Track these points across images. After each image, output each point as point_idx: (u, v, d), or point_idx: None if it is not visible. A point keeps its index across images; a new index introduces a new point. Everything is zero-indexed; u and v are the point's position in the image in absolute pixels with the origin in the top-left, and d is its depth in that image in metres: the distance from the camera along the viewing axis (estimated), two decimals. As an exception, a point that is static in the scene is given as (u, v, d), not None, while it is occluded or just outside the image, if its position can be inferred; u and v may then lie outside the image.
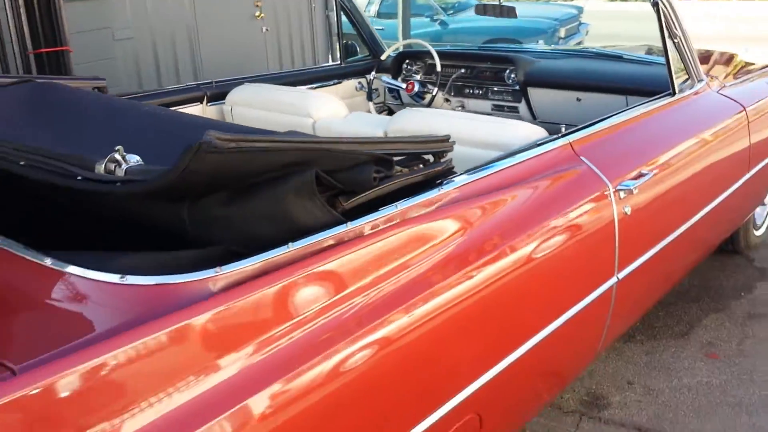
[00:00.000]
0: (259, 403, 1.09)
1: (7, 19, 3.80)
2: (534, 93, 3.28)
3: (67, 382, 0.94)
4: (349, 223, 1.35)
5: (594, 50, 3.57)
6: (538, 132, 2.04)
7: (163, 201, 1.30)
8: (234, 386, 1.06)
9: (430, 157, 1.62)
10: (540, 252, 1.68)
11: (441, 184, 1.58)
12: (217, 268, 1.14)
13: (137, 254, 1.24)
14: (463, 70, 3.46)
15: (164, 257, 1.22)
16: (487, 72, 3.44)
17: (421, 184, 1.54)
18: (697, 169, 2.41)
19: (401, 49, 3.76)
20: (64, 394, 0.94)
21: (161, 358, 1.03)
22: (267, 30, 6.54)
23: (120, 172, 1.29)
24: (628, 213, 1.98)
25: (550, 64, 3.32)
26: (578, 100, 3.11)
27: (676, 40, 2.59)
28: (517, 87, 3.34)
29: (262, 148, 1.21)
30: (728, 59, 3.51)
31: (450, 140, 1.61)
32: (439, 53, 3.33)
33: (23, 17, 3.80)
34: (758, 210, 3.80)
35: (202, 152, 1.11)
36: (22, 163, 1.39)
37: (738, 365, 2.82)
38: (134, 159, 1.31)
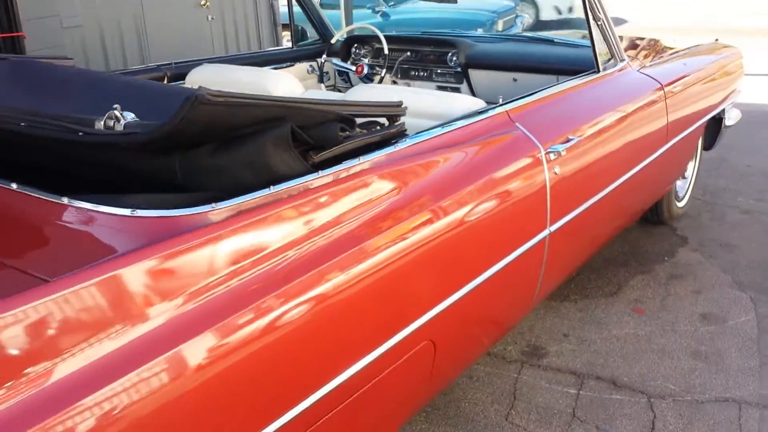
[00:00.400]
0: (246, 317, 1.29)
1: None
2: (474, 74, 3.53)
3: (90, 291, 1.12)
4: (320, 172, 1.56)
5: (528, 35, 3.85)
6: (479, 103, 2.29)
7: (157, 153, 1.48)
8: (231, 298, 1.26)
9: (385, 121, 1.84)
10: (480, 205, 1.91)
11: (395, 143, 1.80)
12: (213, 204, 1.34)
13: (140, 195, 1.42)
14: (408, 54, 3.69)
15: (165, 197, 1.40)
16: (431, 55, 3.67)
17: (378, 143, 1.76)
18: (619, 138, 2.69)
19: (350, 34, 3.97)
20: (88, 301, 1.12)
21: (166, 276, 1.22)
22: (212, 18, 6.67)
23: (119, 127, 1.47)
24: (558, 173, 2.24)
25: (488, 48, 3.58)
26: (514, 80, 3.38)
27: (599, 23, 2.87)
28: (459, 69, 3.58)
29: (246, 103, 1.41)
30: (652, 44, 3.83)
31: (402, 105, 1.83)
32: (386, 38, 3.54)
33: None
34: (680, 183, 4.15)
35: (197, 103, 1.30)
36: (22, 123, 1.55)
37: (661, 318, 3.12)
38: (130, 116, 1.49)
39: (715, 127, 4.09)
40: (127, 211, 1.30)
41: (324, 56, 3.71)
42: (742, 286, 3.37)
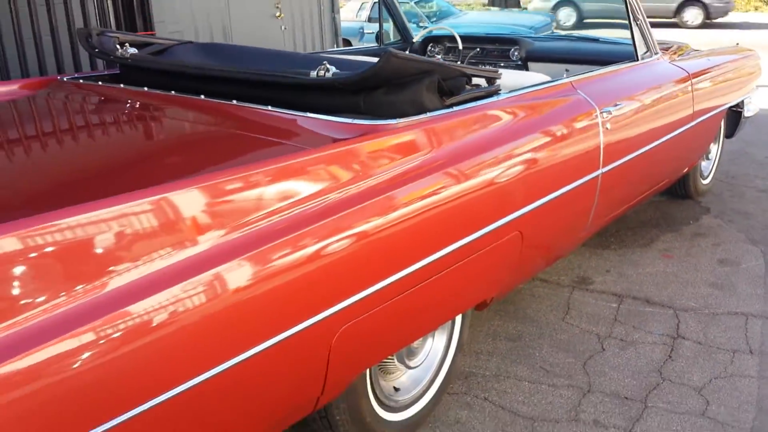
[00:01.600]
0: (407, 197, 2.05)
1: (107, 10, 4.72)
2: (532, 66, 4.31)
3: (346, 153, 1.89)
4: (452, 108, 2.34)
5: (576, 35, 4.64)
6: (546, 77, 3.07)
7: (349, 93, 2.27)
8: (413, 173, 2.04)
9: (483, 82, 2.63)
10: (555, 143, 2.68)
11: (496, 96, 2.59)
12: (396, 120, 2.12)
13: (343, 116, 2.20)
14: (477, 50, 4.49)
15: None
16: (495, 51, 4.47)
17: (483, 96, 2.55)
18: (654, 110, 3.45)
19: (429, 34, 4.78)
20: (341, 161, 1.89)
21: (380, 155, 1.99)
22: (285, 28, 7.57)
23: (329, 75, 2.28)
24: (608, 128, 3.00)
25: (544, 44, 4.36)
26: (567, 71, 4.15)
27: (638, 22, 3.64)
28: (520, 62, 4.37)
29: (414, 59, 2.20)
30: (680, 46, 4.59)
31: (498, 72, 2.62)
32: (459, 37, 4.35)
33: (120, 7, 4.73)
34: (704, 163, 4.88)
35: (390, 57, 2.09)
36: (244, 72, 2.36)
37: (686, 262, 3.86)
38: (333, 69, 2.29)
39: (735, 118, 4.84)
40: (348, 120, 2.10)
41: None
42: (754, 242, 4.09)
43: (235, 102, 2.32)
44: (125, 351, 1.34)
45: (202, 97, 2.42)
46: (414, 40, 4.67)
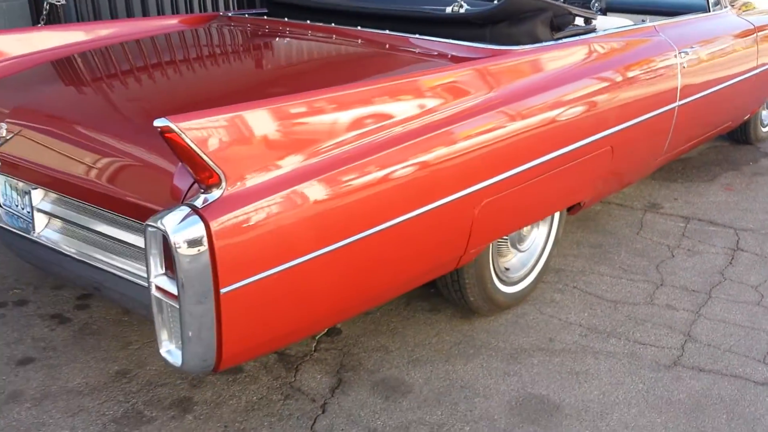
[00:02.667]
0: (529, 108, 2.60)
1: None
2: (612, 16, 4.78)
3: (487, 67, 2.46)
4: (560, 41, 2.87)
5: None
6: (629, 21, 3.57)
7: (476, 25, 2.82)
8: (540, 83, 2.58)
9: (581, 22, 3.14)
10: (638, 76, 3.18)
11: (592, 32, 3.10)
12: (518, 46, 2.67)
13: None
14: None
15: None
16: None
17: (582, 33, 3.07)
18: (724, 53, 3.91)
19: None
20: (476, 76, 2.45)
21: (493, 72, 2.55)
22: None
23: (462, 10, 2.84)
24: (685, 66, 3.49)
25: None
26: (643, 20, 4.61)
27: (710, -24, 4.10)
28: (600, 12, 4.83)
29: (531, 0, 2.74)
30: (746, 4, 5.00)
31: (596, 11, 3.14)
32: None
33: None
34: (765, 112, 5.31)
35: None
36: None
37: (745, 194, 4.33)
38: (466, 6, 2.85)
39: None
40: (483, 45, 2.66)
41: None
42: (809, 180, 4.54)
43: (387, 31, 2.89)
44: (347, 201, 1.94)
45: (359, 27, 2.99)
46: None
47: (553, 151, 2.67)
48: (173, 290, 1.67)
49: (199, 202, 1.68)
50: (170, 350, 1.79)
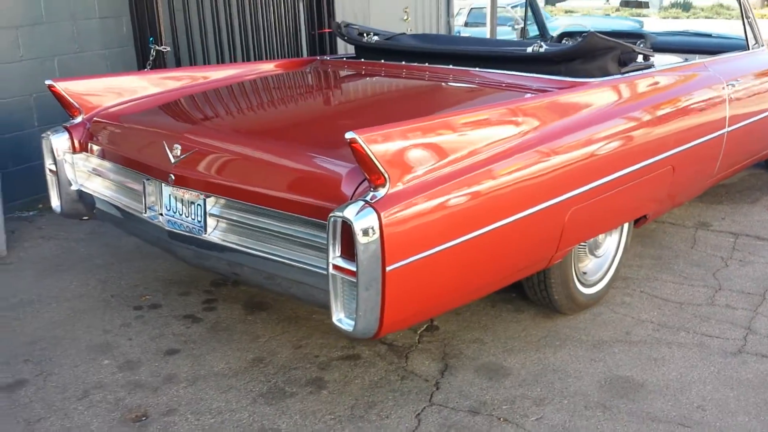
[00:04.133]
0: (607, 130, 3.03)
1: (299, 11, 5.84)
2: (657, 57, 5.23)
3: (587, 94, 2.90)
4: (625, 75, 3.30)
5: (691, 31, 5.54)
6: (679, 59, 4.01)
7: (552, 62, 3.27)
8: (608, 112, 3.01)
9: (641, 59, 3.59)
10: (693, 105, 3.60)
11: (650, 68, 3.54)
12: (592, 78, 3.10)
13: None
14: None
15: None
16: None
17: (643, 68, 3.51)
18: (763, 85, 4.34)
19: (565, 29, 5.74)
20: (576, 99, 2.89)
21: (575, 101, 2.98)
22: (410, 30, 8.69)
23: (541, 50, 3.29)
24: (732, 97, 3.91)
25: (666, 38, 5.28)
26: (686, 59, 5.05)
27: (749, 20, 4.54)
28: (646, 51, 5.29)
29: (604, 38, 3.18)
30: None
31: (652, 52, 3.58)
32: (593, 31, 5.29)
33: (307, 6, 5.85)
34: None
35: (591, 37, 3.08)
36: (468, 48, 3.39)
37: (787, 214, 4.71)
38: (545, 46, 3.30)
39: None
40: (564, 78, 3.10)
41: (546, 45, 5.50)
42: None
43: (477, 69, 3.36)
44: (475, 201, 2.37)
45: (450, 66, 3.46)
46: (553, 35, 5.64)
47: (626, 167, 3.08)
48: (351, 267, 2.09)
49: (370, 198, 2.11)
50: (341, 319, 2.21)
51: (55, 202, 3.35)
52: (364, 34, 4.04)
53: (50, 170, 3.31)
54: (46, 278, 3.78)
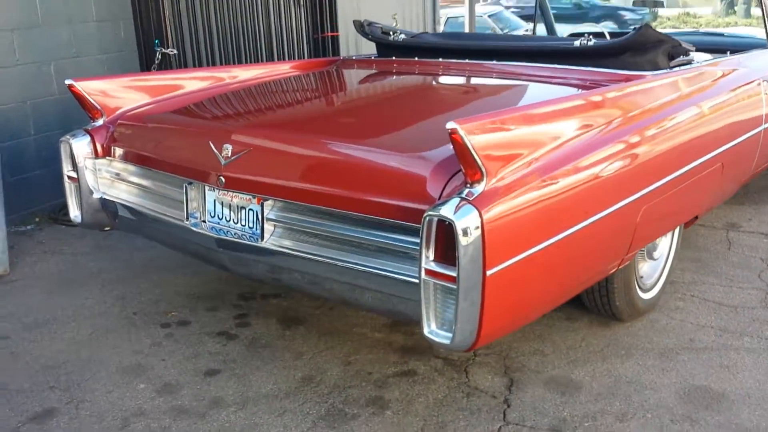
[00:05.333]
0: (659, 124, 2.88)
1: (295, 13, 5.61)
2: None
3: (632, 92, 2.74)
4: (673, 69, 3.17)
5: (704, 31, 5.48)
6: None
7: (605, 56, 3.12)
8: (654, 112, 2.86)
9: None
10: (739, 100, 3.48)
11: (691, 63, 3.41)
12: (648, 72, 2.96)
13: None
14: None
15: None
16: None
17: (685, 63, 3.38)
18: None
19: (575, 31, 5.63)
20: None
21: (638, 96, 2.82)
22: (397, 25, 8.59)
23: (590, 43, 3.13)
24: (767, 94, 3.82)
25: (688, 38, 5.19)
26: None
27: (768, 19, 4.47)
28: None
29: (658, 33, 3.04)
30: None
31: (693, 48, 3.46)
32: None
33: (309, 11, 5.64)
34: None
35: (645, 29, 2.93)
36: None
37: (812, 214, 4.63)
38: (594, 40, 3.15)
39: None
40: (610, 71, 2.95)
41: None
42: None
43: (524, 64, 3.19)
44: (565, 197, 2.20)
45: (494, 61, 3.28)
46: (562, 35, 5.52)
47: (689, 163, 2.94)
48: (450, 272, 1.89)
49: (466, 195, 1.91)
50: (434, 331, 2.00)
51: (75, 212, 3.08)
52: (390, 33, 3.86)
53: (69, 177, 3.05)
54: (57, 296, 3.49)
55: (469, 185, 1.94)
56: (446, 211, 1.87)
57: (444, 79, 3.30)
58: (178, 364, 2.85)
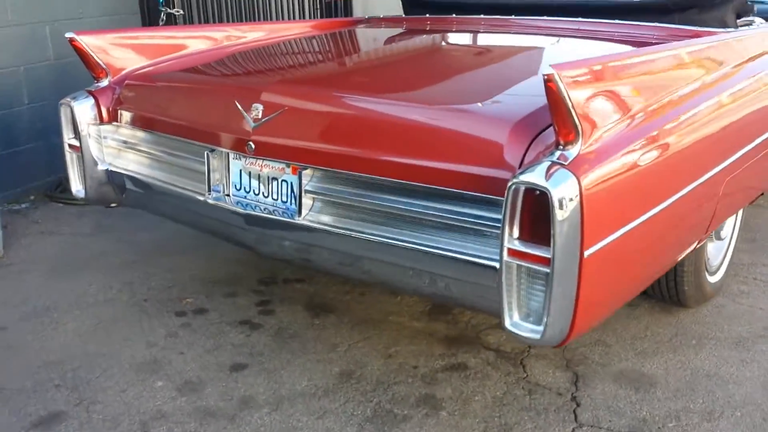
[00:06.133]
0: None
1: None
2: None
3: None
4: (740, 29, 2.84)
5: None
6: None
7: (661, 13, 2.79)
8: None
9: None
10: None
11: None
12: (720, 28, 2.63)
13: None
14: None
15: None
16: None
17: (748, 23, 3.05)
18: None
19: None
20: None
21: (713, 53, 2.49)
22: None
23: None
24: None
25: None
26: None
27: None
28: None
29: None
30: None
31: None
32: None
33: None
34: None
35: None
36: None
37: None
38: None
39: None
40: (677, 26, 2.62)
41: None
42: None
43: (579, 19, 2.85)
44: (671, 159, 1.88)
45: (546, 17, 2.95)
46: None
47: (765, 131, 2.62)
48: (542, 253, 1.57)
49: (558, 158, 1.59)
50: (518, 323, 1.67)
51: (77, 186, 2.74)
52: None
53: (71, 146, 2.70)
54: (57, 281, 3.15)
55: (561, 147, 1.61)
56: (537, 177, 1.54)
57: (494, 38, 2.96)
58: (198, 358, 2.52)
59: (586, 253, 1.59)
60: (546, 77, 1.49)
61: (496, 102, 1.95)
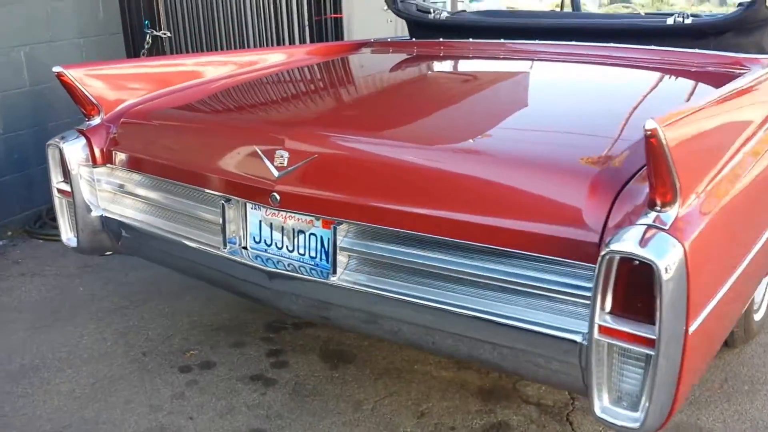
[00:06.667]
0: None
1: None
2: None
3: None
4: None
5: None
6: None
7: (695, 38, 2.60)
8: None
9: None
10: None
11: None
12: (761, 55, 2.45)
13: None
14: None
15: None
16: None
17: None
18: None
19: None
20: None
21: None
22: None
23: (687, 21, 2.62)
24: None
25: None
26: None
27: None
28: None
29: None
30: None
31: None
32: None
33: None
34: None
35: (760, 5, 2.43)
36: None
37: None
38: (691, 17, 2.64)
39: None
40: (714, 53, 2.44)
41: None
42: None
43: (609, 44, 2.66)
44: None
45: (573, 42, 2.75)
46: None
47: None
48: (645, 333, 1.35)
49: (655, 221, 1.38)
50: (611, 410, 1.45)
51: (68, 234, 2.47)
52: (430, 11, 3.29)
53: (60, 191, 2.43)
54: (45, 332, 2.86)
55: (658, 207, 1.40)
56: (639, 247, 1.32)
57: (525, 66, 2.73)
58: (210, 423, 2.27)
59: (691, 329, 1.38)
60: (649, 132, 1.28)
61: (565, 148, 1.74)
